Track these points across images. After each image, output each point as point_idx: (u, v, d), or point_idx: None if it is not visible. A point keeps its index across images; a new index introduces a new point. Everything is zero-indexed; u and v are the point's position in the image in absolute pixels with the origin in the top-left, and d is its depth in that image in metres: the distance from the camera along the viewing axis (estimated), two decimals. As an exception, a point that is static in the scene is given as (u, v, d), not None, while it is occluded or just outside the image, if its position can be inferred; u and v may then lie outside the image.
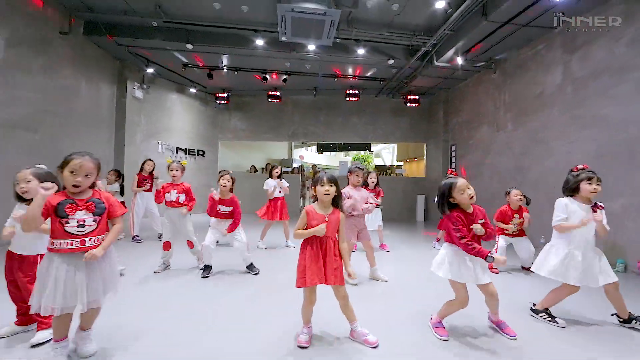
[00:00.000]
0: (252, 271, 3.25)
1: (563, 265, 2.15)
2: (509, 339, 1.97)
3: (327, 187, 1.83)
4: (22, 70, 4.39)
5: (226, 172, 3.21)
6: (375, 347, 1.84)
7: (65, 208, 1.51)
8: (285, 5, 4.35)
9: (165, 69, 7.16)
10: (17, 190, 1.79)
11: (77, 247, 1.54)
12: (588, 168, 2.27)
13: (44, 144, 4.80)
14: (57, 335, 1.62)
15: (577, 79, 4.39)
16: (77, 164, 1.53)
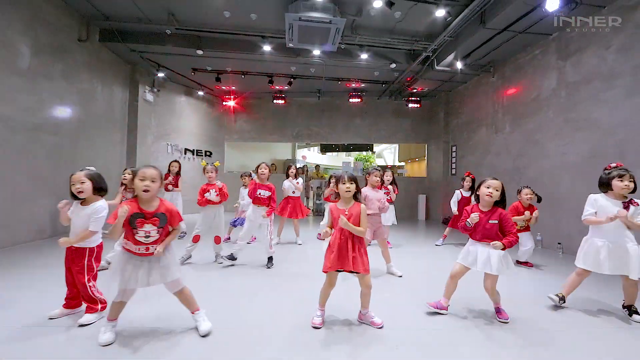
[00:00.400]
0: (268, 265, 3.53)
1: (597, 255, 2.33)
2: (501, 321, 2.22)
3: (348, 185, 2.07)
4: (44, 77, 4.65)
5: (264, 162, 3.62)
6: (381, 327, 2.08)
7: (136, 222, 1.80)
8: (293, 14, 4.59)
9: (174, 73, 7.42)
10: (72, 191, 2.04)
11: (143, 252, 1.84)
12: (622, 166, 2.38)
13: (64, 146, 5.07)
14: (111, 316, 1.89)
15: (570, 84, 4.61)
16: (144, 172, 1.82)
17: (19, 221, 4.30)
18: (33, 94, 4.46)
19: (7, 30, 4.05)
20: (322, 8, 4.61)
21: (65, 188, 2.21)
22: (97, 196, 2.12)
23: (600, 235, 2.37)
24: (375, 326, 2.09)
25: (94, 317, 2.07)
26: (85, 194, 2.05)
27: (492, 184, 2.19)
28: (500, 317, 2.24)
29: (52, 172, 4.82)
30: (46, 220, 4.76)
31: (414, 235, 6.13)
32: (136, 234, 1.80)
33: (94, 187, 2.08)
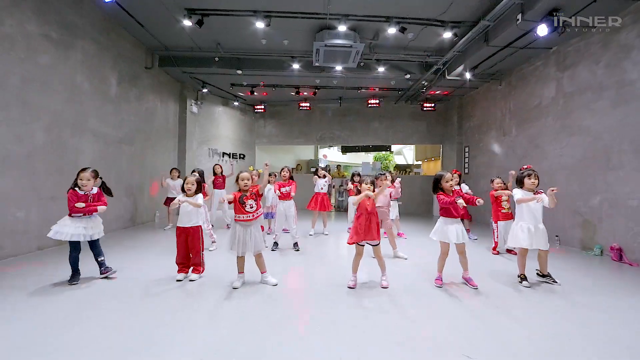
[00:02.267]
0: (295, 248, 4.52)
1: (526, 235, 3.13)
2: (472, 288, 3.01)
3: (369, 185, 3.01)
4: (124, 100, 5.91)
5: (286, 167, 4.80)
6: (386, 287, 2.98)
7: (244, 198, 2.90)
8: (319, 42, 5.50)
9: (214, 87, 8.59)
10: (184, 189, 3.14)
11: (248, 219, 2.90)
12: (530, 167, 3.31)
13: (137, 154, 6.34)
14: (239, 270, 2.99)
15: (567, 94, 5.16)
16: (243, 175, 2.92)
17: (109, 214, 5.55)
18: (118, 114, 5.72)
19: (104, 69, 5.29)
20: (344, 35, 5.48)
21: (137, 188, 3.25)
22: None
23: (525, 220, 3.16)
24: (382, 287, 3.00)
25: (198, 276, 3.14)
26: (191, 193, 3.17)
27: (449, 177, 3.02)
28: (471, 284, 3.03)
29: (130, 176, 6.09)
30: (127, 213, 6.05)
31: (427, 229, 6.88)
32: (244, 206, 2.89)
33: (197, 187, 3.18)
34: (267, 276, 3.04)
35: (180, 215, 3.15)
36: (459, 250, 3.06)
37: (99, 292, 2.77)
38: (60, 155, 4.43)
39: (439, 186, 3.07)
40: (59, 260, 3.67)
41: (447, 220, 3.02)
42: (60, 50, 4.39)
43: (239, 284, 2.93)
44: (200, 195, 3.22)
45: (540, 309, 2.58)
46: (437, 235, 3.07)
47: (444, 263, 3.14)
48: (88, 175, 3.02)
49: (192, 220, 3.13)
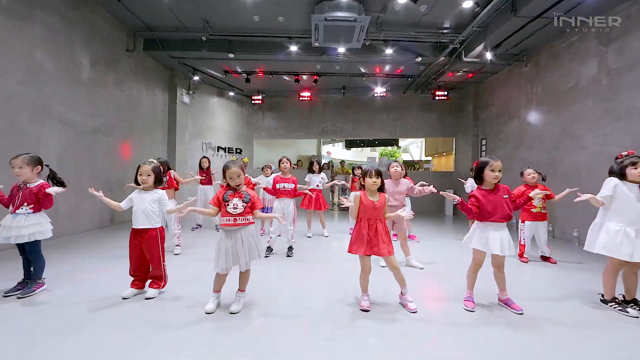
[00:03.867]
0: (288, 253, 3.80)
1: (615, 240, 2.25)
2: (516, 313, 2.25)
3: (374, 179, 2.27)
4: (100, 86, 5.27)
5: (284, 156, 3.89)
6: (414, 312, 2.23)
7: (228, 195, 2.21)
8: (318, 15, 4.77)
9: (208, 76, 7.92)
10: (138, 180, 2.44)
11: (230, 223, 2.18)
12: (633, 153, 2.36)
13: (117, 146, 5.71)
14: (215, 288, 2.26)
15: (612, 71, 4.34)
16: (232, 172, 2.19)
17: (83, 212, 4.95)
18: (92, 101, 5.08)
19: (73, 47, 4.65)
20: (347, 7, 4.74)
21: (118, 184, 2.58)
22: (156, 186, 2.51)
23: (619, 221, 2.29)
24: (409, 310, 2.24)
25: (156, 292, 2.45)
26: (148, 184, 2.44)
27: (496, 166, 2.26)
28: (513, 308, 2.28)
29: (109, 169, 5.46)
30: (105, 212, 5.43)
31: (440, 231, 6.12)
32: (227, 205, 2.18)
33: (156, 178, 2.47)
34: (240, 297, 2.29)
35: (135, 213, 2.44)
36: (497, 263, 2.32)
37: (25, 318, 2.10)
38: (16, 144, 3.78)
39: (481, 176, 2.32)
40: (7, 267, 3.03)
41: (490, 225, 2.27)
42: (12, 21, 3.75)
43: (213, 307, 2.20)
44: (161, 192, 2.51)
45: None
46: (475, 243, 2.32)
47: (476, 277, 2.41)
48: (19, 162, 2.36)
49: (148, 220, 2.43)
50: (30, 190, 2.38)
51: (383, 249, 2.22)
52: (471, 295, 2.38)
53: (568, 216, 5.03)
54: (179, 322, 2.04)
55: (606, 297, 2.42)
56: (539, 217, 3.73)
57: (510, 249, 2.23)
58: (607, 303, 2.40)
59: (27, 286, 2.42)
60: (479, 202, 2.27)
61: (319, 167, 5.25)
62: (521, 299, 2.38)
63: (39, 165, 2.48)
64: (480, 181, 2.35)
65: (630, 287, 2.36)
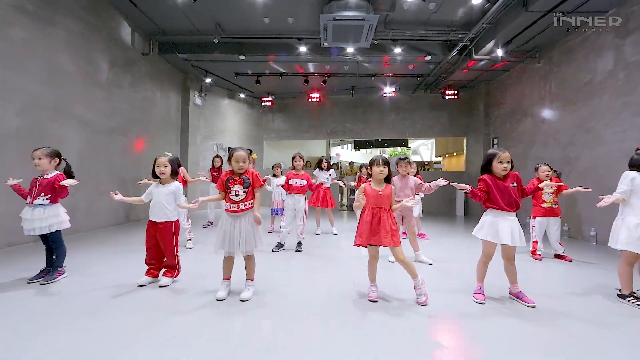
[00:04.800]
0: (297, 248, 3.84)
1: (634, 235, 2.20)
2: (528, 306, 2.20)
3: (382, 168, 2.27)
4: (117, 87, 5.48)
5: (297, 153, 3.91)
6: (425, 305, 2.21)
7: (229, 182, 2.26)
8: (327, 15, 4.83)
9: (219, 78, 8.11)
10: (156, 172, 2.52)
11: (233, 209, 2.24)
12: None
13: (132, 146, 5.90)
14: (225, 275, 2.33)
15: (630, 64, 4.21)
16: (238, 155, 2.24)
17: (100, 209, 5.13)
18: (109, 101, 5.29)
19: (92, 51, 4.86)
20: (355, 6, 4.78)
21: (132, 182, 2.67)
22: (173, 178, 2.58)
23: (638, 214, 2.23)
24: (420, 304, 2.22)
25: (170, 281, 2.52)
26: (165, 176, 2.52)
27: (504, 157, 2.24)
28: (525, 301, 2.23)
29: (123, 169, 5.64)
30: (120, 209, 5.60)
31: (450, 230, 6.02)
32: (229, 193, 2.24)
33: (172, 170, 2.55)
34: (249, 286, 2.35)
35: (152, 206, 2.53)
36: (507, 255, 2.28)
37: (47, 302, 2.19)
38: (37, 141, 3.91)
39: (488, 167, 2.30)
40: (24, 259, 3.18)
41: (498, 213, 2.24)
42: (37, 25, 3.96)
43: (224, 294, 2.26)
44: (177, 184, 2.59)
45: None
46: (483, 233, 2.27)
47: (486, 270, 2.37)
48: (39, 153, 2.51)
49: (163, 213, 2.51)
50: (47, 181, 2.50)
51: (384, 237, 2.19)
52: (481, 287, 2.34)
53: (585, 215, 4.87)
54: (189, 307, 2.10)
55: (624, 292, 2.34)
56: (550, 213, 3.62)
57: (521, 239, 2.19)
58: (624, 298, 2.32)
59: (50, 273, 2.53)
60: (488, 187, 2.25)
61: (328, 164, 5.27)
62: (533, 294, 2.32)
63: (57, 158, 2.60)
64: (489, 173, 2.32)
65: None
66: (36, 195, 2.47)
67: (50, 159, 2.53)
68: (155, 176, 2.56)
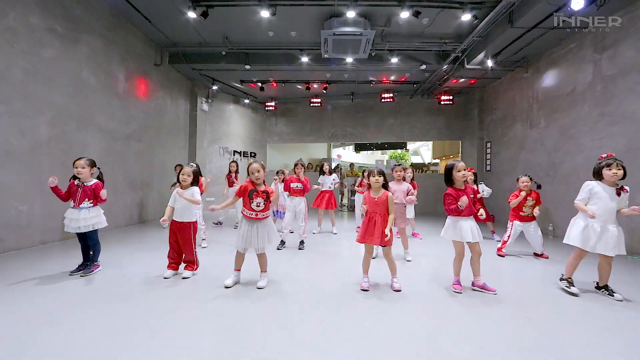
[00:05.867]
0: (300, 247, 4.23)
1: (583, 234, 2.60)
2: (492, 294, 2.60)
3: (377, 178, 2.66)
4: (132, 97, 5.89)
5: (299, 160, 4.36)
6: (399, 291, 2.62)
7: (253, 194, 2.63)
8: (327, 31, 5.22)
9: (225, 85, 8.51)
10: (180, 179, 2.93)
11: (253, 216, 2.63)
12: (612, 156, 2.65)
13: (146, 151, 6.31)
14: (236, 267, 2.73)
15: (606, 77, 4.57)
16: (253, 167, 2.64)
17: (117, 210, 5.54)
18: (126, 110, 5.70)
19: (111, 64, 5.28)
20: (353, 23, 5.17)
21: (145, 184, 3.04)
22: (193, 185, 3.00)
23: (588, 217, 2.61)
24: (393, 289, 2.64)
25: (191, 274, 2.92)
26: (186, 183, 2.94)
27: (460, 166, 2.61)
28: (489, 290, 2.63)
29: (138, 172, 6.06)
30: (135, 210, 6.02)
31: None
32: (251, 202, 2.61)
33: (193, 179, 2.96)
34: (263, 277, 2.76)
35: (178, 209, 2.94)
36: (474, 250, 2.66)
37: (88, 290, 2.60)
38: (65, 149, 4.40)
39: (450, 177, 2.67)
40: (60, 255, 3.59)
41: (460, 218, 2.64)
42: (66, 45, 4.38)
43: (231, 282, 2.67)
44: (196, 188, 3.00)
45: (578, 319, 2.15)
46: (449, 234, 2.67)
47: (461, 265, 2.75)
48: (82, 163, 2.92)
49: (185, 215, 2.92)
50: (89, 188, 2.91)
51: (376, 237, 2.58)
52: (458, 280, 2.73)
53: (570, 216, 5.20)
54: (208, 295, 2.50)
55: (565, 276, 2.77)
56: (526, 219, 3.95)
57: (479, 235, 2.60)
58: (561, 280, 2.78)
59: (87, 267, 2.94)
60: (454, 199, 2.62)
61: (330, 169, 5.65)
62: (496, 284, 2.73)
63: (94, 167, 3.01)
64: (450, 183, 2.69)
65: (604, 275, 2.65)
66: (81, 200, 2.87)
67: (90, 167, 2.94)
68: (179, 181, 2.97)
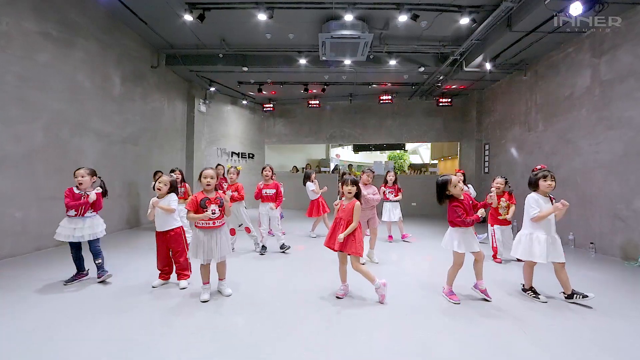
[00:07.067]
0: (283, 249, 4.25)
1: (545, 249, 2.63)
2: (486, 300, 2.64)
3: (349, 188, 2.67)
4: (129, 100, 5.85)
5: (267, 165, 4.33)
6: (382, 303, 2.60)
7: (206, 202, 2.57)
8: (325, 33, 5.19)
9: (223, 86, 8.47)
10: (156, 186, 2.91)
11: (209, 226, 2.58)
12: (545, 168, 2.78)
13: (143, 154, 6.28)
14: (204, 280, 2.68)
15: (604, 82, 4.56)
16: (206, 173, 2.61)
17: (113, 214, 5.51)
18: (122, 113, 5.66)
19: (107, 67, 5.23)
20: (351, 26, 5.14)
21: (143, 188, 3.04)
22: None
23: (540, 230, 2.68)
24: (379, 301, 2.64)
25: (187, 283, 2.91)
26: (162, 193, 2.92)
27: (454, 181, 2.60)
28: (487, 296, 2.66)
29: (135, 176, 6.03)
30: (131, 213, 5.99)
31: (442, 232, 6.38)
32: (205, 212, 2.53)
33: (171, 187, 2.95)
34: (224, 285, 2.75)
35: (156, 220, 2.91)
36: (480, 257, 2.66)
37: (84, 301, 2.58)
38: (61, 155, 4.37)
39: (446, 193, 2.64)
40: (54, 262, 3.58)
41: (467, 229, 2.63)
42: (60, 49, 4.33)
43: (208, 296, 2.61)
44: (172, 196, 2.95)
45: (564, 330, 2.15)
46: (455, 245, 2.62)
47: (456, 275, 2.74)
48: (82, 172, 2.91)
49: (167, 224, 2.90)
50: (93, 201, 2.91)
51: (335, 243, 2.61)
52: (452, 290, 2.73)
53: (564, 219, 5.22)
54: (199, 306, 2.49)
55: (525, 287, 2.84)
56: (504, 223, 3.99)
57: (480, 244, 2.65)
58: (525, 291, 2.83)
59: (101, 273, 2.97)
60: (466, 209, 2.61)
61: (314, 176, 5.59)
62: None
63: (94, 175, 3.00)
64: (446, 198, 2.65)
65: (564, 281, 2.66)
66: (85, 210, 2.88)
67: (90, 176, 2.92)
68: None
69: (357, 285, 2.88)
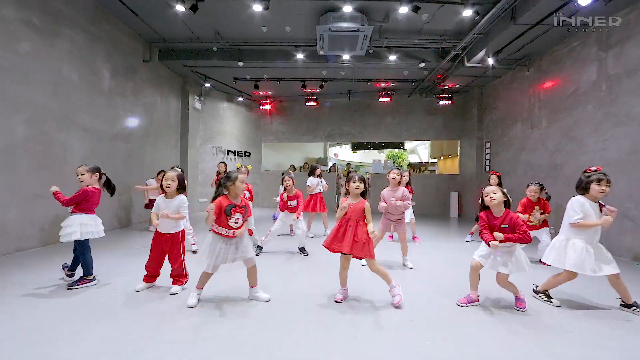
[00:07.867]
0: (303, 253, 4.04)
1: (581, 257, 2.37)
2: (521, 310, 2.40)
3: (357, 184, 2.46)
4: (119, 94, 5.62)
5: (287, 173, 4.08)
6: (398, 307, 2.41)
7: (232, 210, 2.37)
8: (323, 26, 5.00)
9: (218, 82, 8.26)
10: (162, 185, 2.68)
11: (230, 234, 2.40)
12: (600, 170, 2.43)
13: (135, 151, 6.06)
14: (199, 285, 2.46)
15: (611, 76, 4.41)
16: (241, 178, 2.42)
17: (103, 213, 5.28)
18: (112, 109, 5.44)
19: (95, 60, 5.01)
20: (350, 18, 4.95)
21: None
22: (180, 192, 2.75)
23: (580, 237, 2.41)
24: (394, 305, 2.43)
25: (180, 289, 2.67)
26: (171, 189, 2.68)
27: (489, 190, 2.38)
28: (518, 306, 2.41)
29: (127, 174, 5.80)
30: (122, 213, 5.77)
31: (444, 232, 6.23)
32: (229, 220, 2.36)
33: (179, 185, 2.72)
34: (257, 291, 2.54)
35: (160, 220, 2.68)
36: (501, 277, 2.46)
37: (71, 305, 2.37)
38: (45, 150, 4.15)
39: (483, 204, 2.45)
40: (38, 264, 3.36)
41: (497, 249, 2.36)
42: (44, 39, 4.11)
43: (196, 302, 2.38)
44: (182, 199, 2.72)
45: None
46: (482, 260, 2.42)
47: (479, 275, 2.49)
48: (81, 170, 2.76)
49: (172, 227, 2.68)
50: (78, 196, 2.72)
51: (345, 246, 2.38)
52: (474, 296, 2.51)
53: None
54: (190, 309, 2.30)
55: (541, 289, 2.63)
56: (534, 227, 3.78)
57: None
58: (537, 293, 2.65)
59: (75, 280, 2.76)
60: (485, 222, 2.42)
61: (320, 172, 5.44)
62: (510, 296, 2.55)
63: (97, 172, 2.83)
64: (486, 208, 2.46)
65: (622, 291, 2.43)
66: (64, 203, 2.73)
67: (91, 174, 2.74)
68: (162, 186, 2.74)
69: (358, 287, 2.70)
